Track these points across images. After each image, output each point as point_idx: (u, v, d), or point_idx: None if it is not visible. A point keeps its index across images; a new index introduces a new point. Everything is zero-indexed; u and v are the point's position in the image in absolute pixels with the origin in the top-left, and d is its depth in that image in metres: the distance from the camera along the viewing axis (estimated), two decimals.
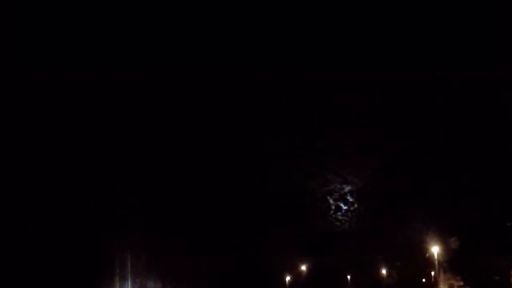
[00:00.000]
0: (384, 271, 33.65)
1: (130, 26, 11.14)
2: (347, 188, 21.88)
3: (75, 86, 14.88)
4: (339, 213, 23.30)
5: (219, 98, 16.38)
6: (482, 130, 18.79)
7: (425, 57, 11.46)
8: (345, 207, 22.96)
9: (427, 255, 29.14)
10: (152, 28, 11.20)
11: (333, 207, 23.04)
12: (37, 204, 20.83)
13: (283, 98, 16.60)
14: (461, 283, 29.03)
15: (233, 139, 19.00)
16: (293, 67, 11.77)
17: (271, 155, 19.73)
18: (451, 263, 28.27)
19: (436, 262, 29.11)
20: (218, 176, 21.16)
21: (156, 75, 13.68)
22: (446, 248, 27.67)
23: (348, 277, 33.72)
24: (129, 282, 27.38)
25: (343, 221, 23.64)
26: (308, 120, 18.13)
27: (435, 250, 28.40)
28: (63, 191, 20.48)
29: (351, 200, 22.54)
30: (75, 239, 23.23)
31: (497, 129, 18.54)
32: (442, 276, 29.36)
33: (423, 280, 31.19)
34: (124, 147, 18.51)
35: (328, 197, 22.43)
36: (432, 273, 30.34)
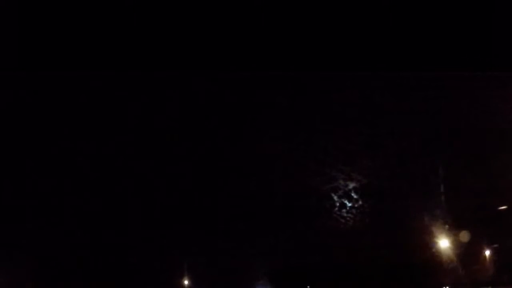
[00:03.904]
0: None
1: (130, 26, 11.14)
2: (352, 185, 21.91)
3: (75, 86, 14.88)
4: (344, 210, 23.33)
5: (219, 98, 16.38)
6: (482, 130, 18.80)
7: (425, 57, 11.46)
8: (349, 204, 22.98)
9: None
10: (152, 28, 11.20)
11: (338, 204, 23.06)
12: (37, 204, 20.83)
13: (283, 98, 16.60)
14: None
15: (234, 138, 19.01)
16: (293, 67, 11.77)
17: (273, 154, 19.74)
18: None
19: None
20: (219, 176, 21.17)
21: (156, 75, 13.68)
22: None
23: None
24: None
25: (348, 218, 23.65)
26: (309, 119, 18.14)
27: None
28: (63, 191, 20.48)
29: (355, 197, 22.58)
30: (74, 239, 23.23)
31: (497, 129, 18.54)
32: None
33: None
34: (124, 147, 18.51)
35: (333, 194, 22.46)
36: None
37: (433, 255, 29.12)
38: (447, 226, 26.44)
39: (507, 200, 23.01)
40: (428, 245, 28.44)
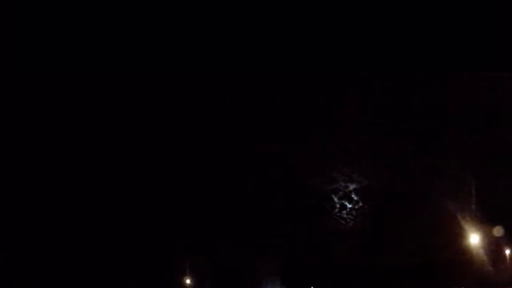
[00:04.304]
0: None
1: (130, 26, 11.15)
2: (352, 187, 21.88)
3: (75, 86, 14.89)
4: (344, 212, 23.29)
5: (219, 98, 16.38)
6: (482, 130, 18.78)
7: (425, 57, 11.46)
8: (349, 206, 22.95)
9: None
10: (152, 28, 11.21)
11: (338, 206, 23.03)
12: (37, 204, 20.81)
13: (284, 98, 16.60)
14: None
15: (235, 138, 18.99)
16: (293, 67, 11.79)
17: (274, 154, 19.71)
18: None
19: None
20: (221, 176, 21.15)
21: (156, 75, 13.70)
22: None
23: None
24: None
25: (348, 220, 23.61)
26: (309, 119, 18.13)
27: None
28: (63, 191, 20.45)
29: (356, 198, 22.55)
30: (74, 240, 23.19)
31: (497, 129, 18.53)
32: None
33: None
34: (124, 147, 18.49)
35: (333, 196, 22.42)
36: None
37: (435, 256, 29.07)
38: (448, 226, 26.38)
39: (508, 201, 22.95)
40: (430, 246, 28.39)
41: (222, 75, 14.23)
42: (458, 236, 27.42)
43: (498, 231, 25.15)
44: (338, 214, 23.62)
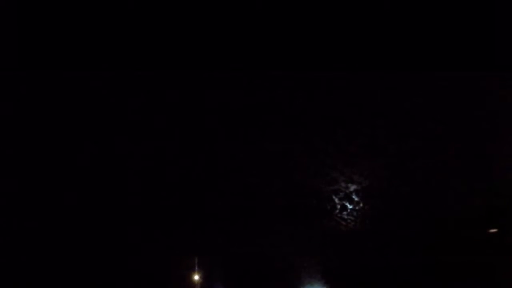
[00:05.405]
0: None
1: (130, 26, 11.18)
2: (353, 187, 22.00)
3: (75, 86, 14.92)
4: (345, 213, 23.45)
5: (219, 98, 16.42)
6: (482, 130, 18.83)
7: (425, 57, 11.48)
8: (350, 207, 23.10)
9: None
10: (152, 28, 11.23)
11: (339, 206, 23.18)
12: (36, 205, 20.88)
13: (284, 98, 16.65)
14: None
15: (235, 138, 19.05)
16: (293, 67, 11.80)
17: (273, 155, 19.79)
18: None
19: None
20: (220, 176, 21.24)
21: (156, 75, 13.73)
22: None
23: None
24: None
25: (349, 221, 23.78)
26: (309, 119, 18.18)
27: None
28: (62, 191, 20.54)
29: (356, 199, 22.68)
30: (73, 241, 23.31)
31: (497, 129, 18.58)
32: None
33: None
34: (124, 147, 18.56)
35: (334, 196, 22.55)
36: None
37: (436, 256, 29.24)
38: (448, 226, 26.52)
39: (508, 201, 23.09)
40: (431, 246, 28.57)
41: (222, 75, 14.25)
42: (459, 236, 27.53)
43: (498, 231, 25.26)
44: (339, 215, 23.71)
